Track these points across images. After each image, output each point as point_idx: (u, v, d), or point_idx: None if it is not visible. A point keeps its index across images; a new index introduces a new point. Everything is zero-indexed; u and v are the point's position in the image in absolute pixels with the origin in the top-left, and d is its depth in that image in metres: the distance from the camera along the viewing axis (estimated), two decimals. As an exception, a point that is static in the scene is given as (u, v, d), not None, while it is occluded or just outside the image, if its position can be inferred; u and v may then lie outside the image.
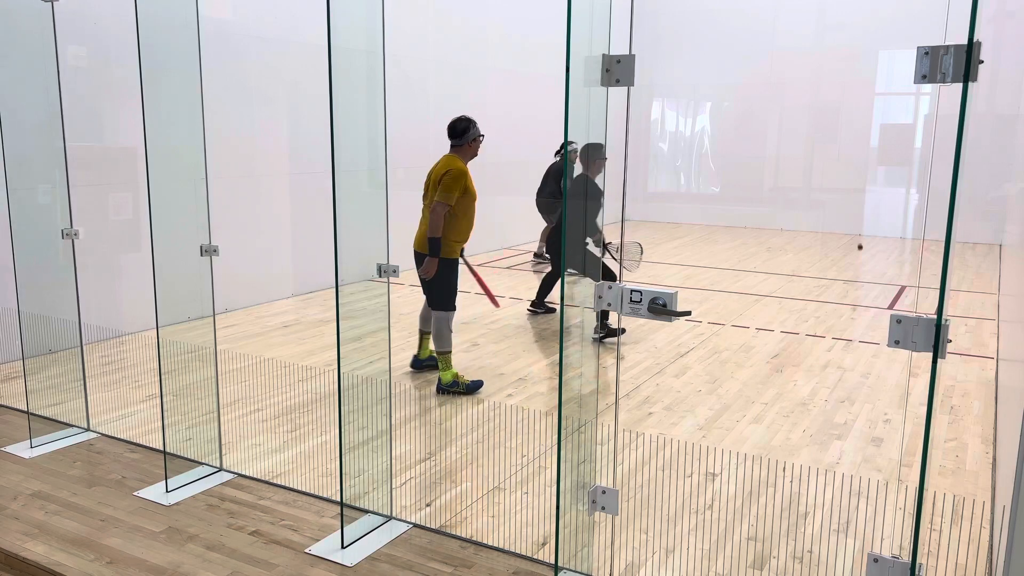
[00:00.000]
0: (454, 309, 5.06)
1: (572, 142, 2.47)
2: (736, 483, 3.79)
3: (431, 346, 5.32)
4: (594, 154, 5.18)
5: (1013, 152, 10.40)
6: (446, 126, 5.13)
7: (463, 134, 5.01)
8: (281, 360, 5.68)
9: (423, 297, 5.22)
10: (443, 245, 4.89)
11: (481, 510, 3.51)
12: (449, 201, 4.85)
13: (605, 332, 6.01)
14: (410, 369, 5.50)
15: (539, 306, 7.15)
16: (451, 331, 5.07)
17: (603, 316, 5.83)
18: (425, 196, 5.14)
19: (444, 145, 5.20)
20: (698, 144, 14.09)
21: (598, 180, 5.44)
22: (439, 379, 5.08)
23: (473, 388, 5.08)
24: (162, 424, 3.72)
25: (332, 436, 4.21)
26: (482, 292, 6.20)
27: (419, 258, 5.02)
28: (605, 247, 6.10)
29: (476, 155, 5.12)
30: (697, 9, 13.37)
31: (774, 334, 6.55)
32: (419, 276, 5.01)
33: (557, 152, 9.84)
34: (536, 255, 10.37)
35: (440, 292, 4.99)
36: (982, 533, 3.36)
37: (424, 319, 5.41)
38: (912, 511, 3.49)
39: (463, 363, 5.69)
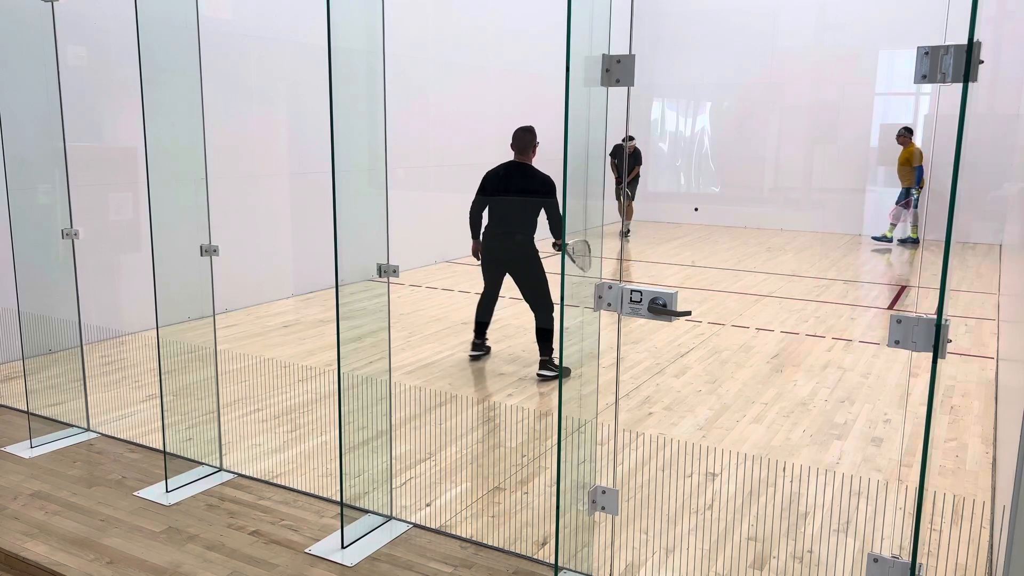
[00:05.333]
0: None
1: (632, 137, 2.48)
2: (736, 483, 3.79)
3: None
4: (530, 138, 5.68)
5: (1013, 152, 10.40)
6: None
7: None
8: (281, 360, 5.68)
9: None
10: None
11: (481, 510, 3.51)
12: None
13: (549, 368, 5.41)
14: None
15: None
16: None
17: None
18: None
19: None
20: (698, 144, 14.08)
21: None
22: None
23: None
24: (162, 424, 3.72)
25: (332, 436, 4.20)
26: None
27: None
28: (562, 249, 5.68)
29: None
30: (697, 9, 13.36)
31: (774, 334, 6.55)
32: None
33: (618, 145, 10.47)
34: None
35: None
36: (982, 533, 3.36)
37: None
38: (912, 511, 3.50)
39: (463, 363, 5.69)
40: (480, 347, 5.90)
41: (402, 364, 5.60)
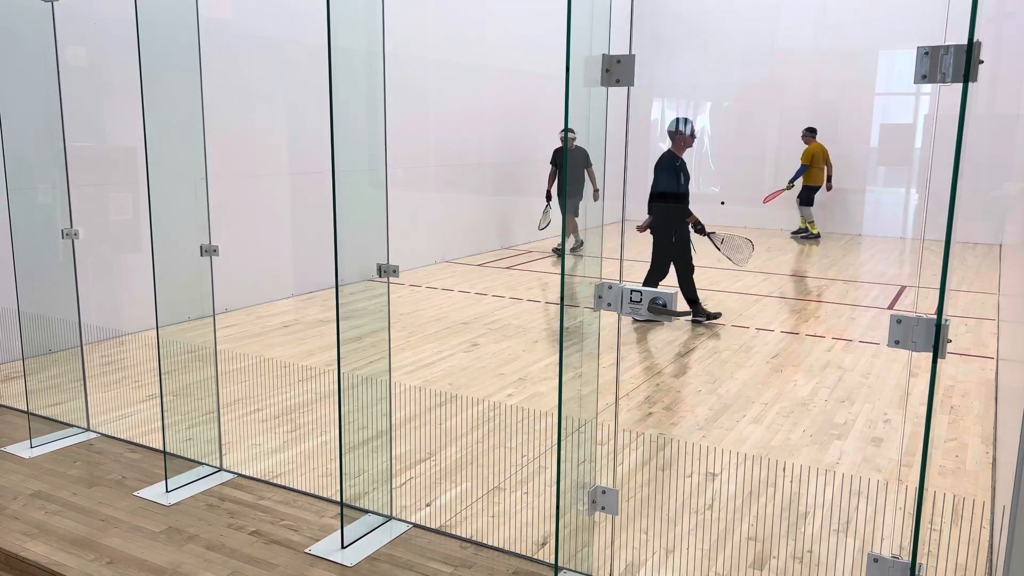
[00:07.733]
0: None
1: (571, 130, 2.48)
2: (736, 483, 3.79)
3: None
4: (670, 130, 7.33)
5: (1013, 152, 10.40)
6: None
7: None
8: (281, 360, 5.68)
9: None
10: None
11: (481, 510, 3.51)
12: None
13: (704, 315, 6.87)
14: None
15: (700, 313, 6.99)
16: None
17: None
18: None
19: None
20: (698, 144, 14.08)
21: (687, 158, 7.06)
22: None
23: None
24: (162, 424, 3.72)
25: (332, 436, 4.21)
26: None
27: None
28: (708, 235, 7.38)
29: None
30: (697, 9, 13.36)
31: (774, 334, 6.55)
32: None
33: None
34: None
35: None
36: (982, 533, 3.36)
37: None
38: (912, 511, 3.50)
39: (463, 362, 5.69)
40: (700, 312, 6.91)
41: (402, 364, 5.60)
